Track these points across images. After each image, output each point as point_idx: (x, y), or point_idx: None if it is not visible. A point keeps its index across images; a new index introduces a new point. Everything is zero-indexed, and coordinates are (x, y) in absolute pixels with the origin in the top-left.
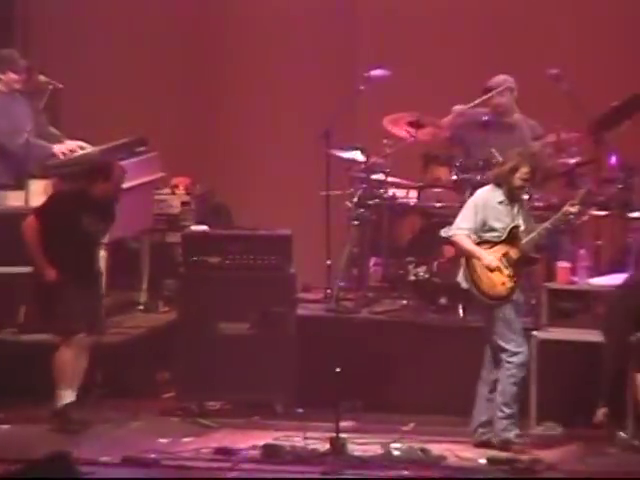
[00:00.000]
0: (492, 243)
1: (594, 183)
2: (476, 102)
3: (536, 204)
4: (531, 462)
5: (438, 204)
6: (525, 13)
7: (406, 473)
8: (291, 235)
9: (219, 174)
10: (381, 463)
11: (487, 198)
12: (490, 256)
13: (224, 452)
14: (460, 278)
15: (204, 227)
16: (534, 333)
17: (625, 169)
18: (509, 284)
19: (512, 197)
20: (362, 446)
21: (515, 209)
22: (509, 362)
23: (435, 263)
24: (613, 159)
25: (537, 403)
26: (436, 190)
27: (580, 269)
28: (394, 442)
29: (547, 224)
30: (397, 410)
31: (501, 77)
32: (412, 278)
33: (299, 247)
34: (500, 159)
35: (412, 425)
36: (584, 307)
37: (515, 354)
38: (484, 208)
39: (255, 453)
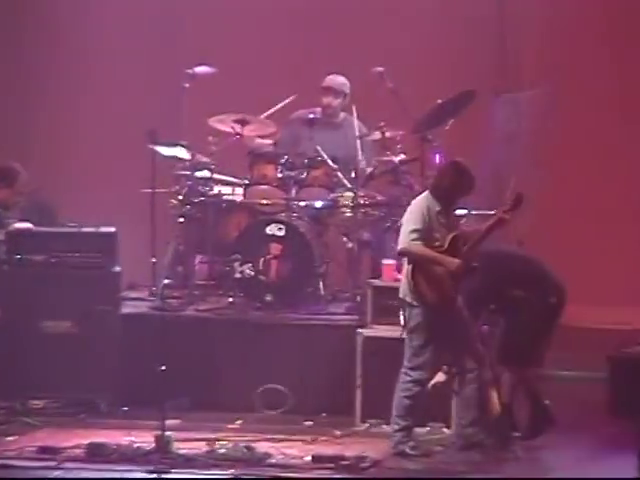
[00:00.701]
0: (437, 251)
1: (419, 181)
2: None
3: (362, 202)
4: (356, 459)
5: (264, 201)
6: (351, 11)
7: (232, 471)
8: (116, 233)
9: (44, 173)
10: (206, 461)
11: (429, 207)
12: (448, 258)
13: (48, 451)
14: (404, 291)
15: (28, 225)
16: (359, 330)
17: None
18: (448, 294)
19: (445, 204)
20: (188, 444)
21: (447, 219)
22: (407, 374)
23: (261, 260)
24: (437, 157)
25: (362, 400)
26: (262, 187)
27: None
28: (220, 440)
29: (481, 234)
30: (223, 408)
31: (339, 79)
32: (238, 276)
33: (125, 245)
34: (325, 156)
35: (239, 423)
36: None
37: (414, 369)
38: (429, 216)
39: (79, 452)
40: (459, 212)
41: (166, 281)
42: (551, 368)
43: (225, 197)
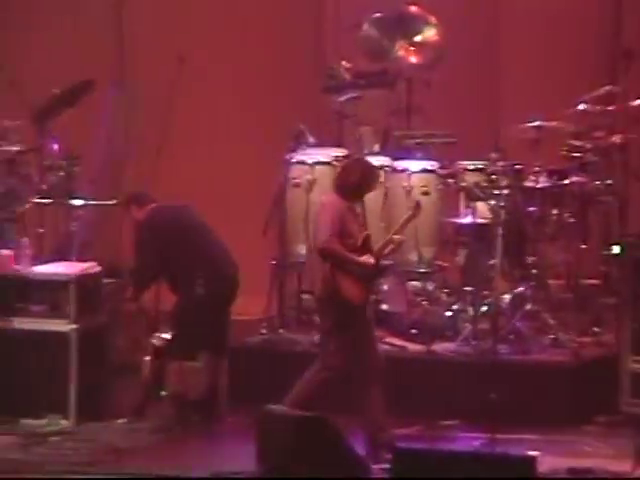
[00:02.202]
0: (351, 251)
1: (37, 171)
2: None
3: None
4: None
5: None
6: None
7: None
8: None
9: None
10: None
11: (341, 206)
12: (363, 258)
13: None
14: (318, 287)
15: None
16: None
17: (67, 157)
18: (366, 292)
19: (351, 202)
20: None
21: (357, 216)
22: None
23: None
24: (55, 147)
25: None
26: None
27: (23, 257)
28: None
29: (392, 234)
30: None
31: None
32: None
33: None
34: None
35: None
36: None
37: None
38: (340, 215)
39: None
40: (76, 202)
41: None
42: None
43: None
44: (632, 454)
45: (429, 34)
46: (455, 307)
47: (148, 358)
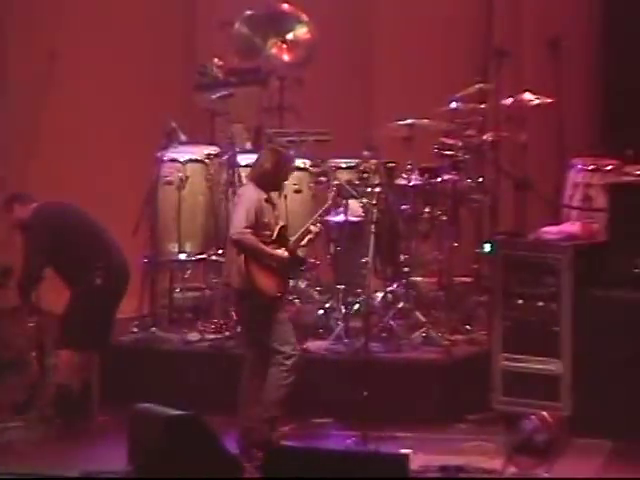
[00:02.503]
0: (265, 243)
1: None
2: None
3: None
4: None
5: None
6: None
7: None
8: None
9: None
10: None
11: (257, 198)
12: (278, 252)
13: None
14: (233, 279)
15: None
16: None
17: None
18: (283, 285)
19: (271, 196)
20: None
21: (273, 207)
22: (283, 364)
23: None
24: None
25: None
26: None
27: None
28: None
29: (309, 224)
30: None
31: None
32: None
33: None
34: None
35: None
36: None
37: (290, 357)
38: (256, 206)
39: None
40: None
41: None
42: None
43: None
44: (503, 452)
45: (301, 32)
46: (327, 305)
47: (34, 354)
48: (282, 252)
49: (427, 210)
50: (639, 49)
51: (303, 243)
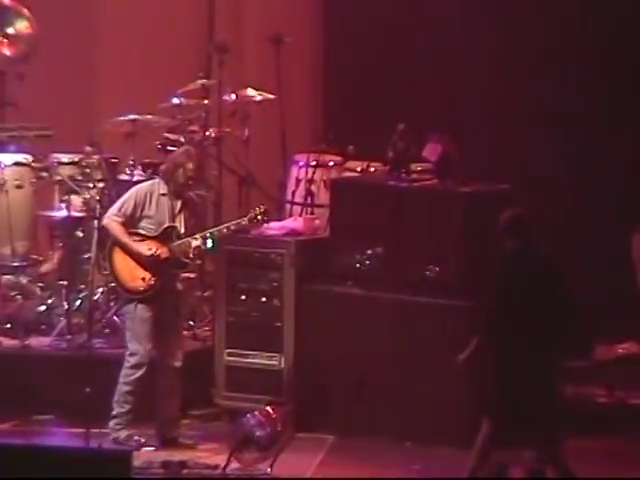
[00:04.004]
0: (143, 237)
1: None
2: None
3: None
4: None
5: None
6: None
7: None
8: None
9: None
10: None
11: (151, 190)
12: (141, 248)
13: None
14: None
15: None
16: None
17: None
18: (149, 281)
19: (177, 194)
20: None
21: (178, 207)
22: (126, 361)
23: None
24: None
25: None
26: None
27: None
28: None
29: (207, 232)
30: None
31: None
32: None
33: None
34: None
35: None
36: None
37: (132, 354)
38: (145, 199)
39: None
40: None
41: None
42: None
43: None
44: (226, 447)
45: (22, 26)
46: (50, 301)
47: None
48: (146, 249)
49: None
50: (357, 48)
51: (189, 251)
